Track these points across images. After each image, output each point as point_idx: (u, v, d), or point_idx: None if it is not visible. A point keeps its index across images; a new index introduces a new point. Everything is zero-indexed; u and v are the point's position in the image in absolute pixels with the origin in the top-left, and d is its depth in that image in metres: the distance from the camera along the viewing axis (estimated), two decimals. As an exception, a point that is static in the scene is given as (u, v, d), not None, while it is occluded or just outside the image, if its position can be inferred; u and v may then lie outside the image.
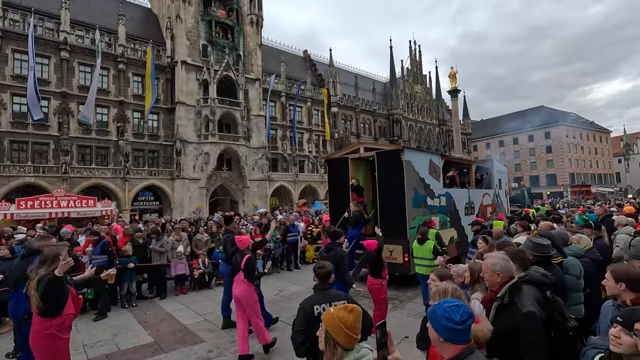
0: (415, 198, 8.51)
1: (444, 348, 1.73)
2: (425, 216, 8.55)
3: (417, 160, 8.93)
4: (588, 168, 65.80)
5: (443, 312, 1.72)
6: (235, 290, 5.31)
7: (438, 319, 1.72)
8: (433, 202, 9.20)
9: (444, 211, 9.69)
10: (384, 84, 54.51)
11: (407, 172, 8.36)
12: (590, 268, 4.26)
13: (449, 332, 1.69)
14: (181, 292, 9.16)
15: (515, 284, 2.54)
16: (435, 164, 9.62)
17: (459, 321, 1.67)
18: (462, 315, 1.69)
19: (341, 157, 10.08)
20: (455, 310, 1.70)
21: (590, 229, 5.47)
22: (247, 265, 5.18)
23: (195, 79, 31.50)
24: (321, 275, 3.22)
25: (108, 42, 28.97)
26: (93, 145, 27.89)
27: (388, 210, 8.60)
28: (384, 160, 8.83)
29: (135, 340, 6.07)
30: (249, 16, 36.03)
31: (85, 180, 26.41)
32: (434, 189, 9.34)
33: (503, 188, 14.87)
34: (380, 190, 8.81)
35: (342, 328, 1.83)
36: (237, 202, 33.60)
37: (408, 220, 8.21)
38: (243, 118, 32.82)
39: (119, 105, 28.91)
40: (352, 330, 1.84)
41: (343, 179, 9.68)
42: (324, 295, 3.08)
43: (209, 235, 10.52)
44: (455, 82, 30.34)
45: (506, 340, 2.28)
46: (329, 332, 1.87)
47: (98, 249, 7.73)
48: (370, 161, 9.79)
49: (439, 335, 1.72)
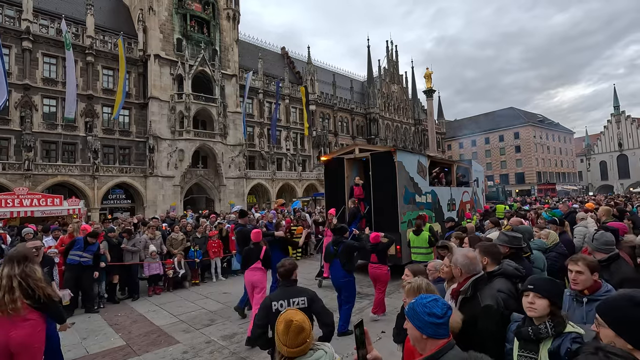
0: (405, 195, 9.22)
1: (427, 345, 1.70)
2: (414, 212, 9.31)
3: (407, 160, 9.63)
4: (553, 167, 69.11)
5: (424, 309, 1.69)
6: (252, 276, 5.77)
7: (419, 317, 1.69)
8: (421, 199, 9.95)
9: (430, 207, 10.38)
10: (362, 83, 55.00)
11: (399, 171, 9.06)
12: (558, 261, 4.47)
13: (433, 328, 1.66)
14: (155, 292, 8.89)
15: (480, 278, 2.63)
16: (423, 164, 10.35)
17: (440, 314, 1.66)
18: (442, 307, 1.69)
19: (337, 157, 10.72)
20: (434, 305, 1.69)
21: (556, 225, 5.75)
22: (266, 255, 5.92)
23: (169, 73, 30.57)
24: (281, 274, 3.35)
25: (75, 32, 27.58)
26: (59, 141, 26.53)
27: (381, 206, 9.23)
28: (377, 161, 9.49)
29: (105, 344, 5.84)
30: (225, 11, 35.30)
31: (50, 177, 25.06)
32: (422, 187, 10.11)
33: (480, 186, 15.87)
34: (374, 188, 9.44)
35: (279, 341, 1.92)
36: (213, 200, 32.95)
37: (400, 215, 8.90)
38: (219, 115, 32.18)
39: (87, 100, 27.61)
40: (286, 344, 1.88)
41: (339, 178, 10.34)
42: (285, 292, 3.23)
43: (183, 234, 10.26)
44: (431, 83, 30.96)
45: (467, 331, 2.39)
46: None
47: (85, 247, 7.37)
48: (363, 161, 10.49)
49: (421, 333, 1.69)
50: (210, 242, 10.20)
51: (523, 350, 2.11)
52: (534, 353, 2.06)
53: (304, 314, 1.99)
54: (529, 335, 2.06)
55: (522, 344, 2.13)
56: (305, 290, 3.27)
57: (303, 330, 1.89)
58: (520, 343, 2.13)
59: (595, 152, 73.17)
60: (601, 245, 3.27)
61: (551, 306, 2.06)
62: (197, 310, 7.45)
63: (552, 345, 1.99)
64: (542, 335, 2.02)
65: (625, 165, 68.74)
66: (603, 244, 3.27)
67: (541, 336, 2.03)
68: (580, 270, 2.50)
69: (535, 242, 4.76)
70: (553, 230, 5.45)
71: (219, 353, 5.35)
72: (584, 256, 2.66)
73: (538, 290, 2.07)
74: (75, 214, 16.79)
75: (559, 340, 1.98)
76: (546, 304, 2.04)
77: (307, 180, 40.13)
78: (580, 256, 2.63)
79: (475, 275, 2.64)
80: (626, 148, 68.61)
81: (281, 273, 3.35)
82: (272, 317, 2.92)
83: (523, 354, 2.10)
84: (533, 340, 2.06)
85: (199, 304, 7.89)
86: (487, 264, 2.87)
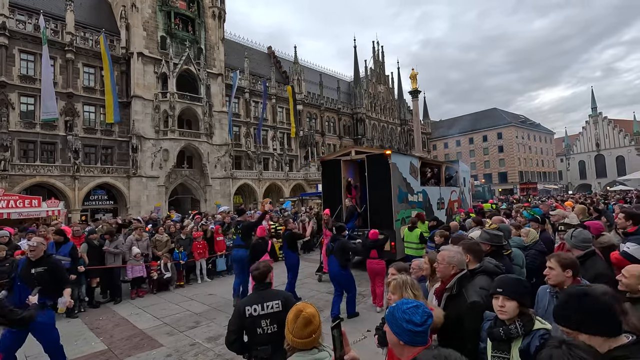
0: (399, 195, 9.73)
1: (404, 351, 1.68)
2: (407, 210, 9.88)
3: (401, 162, 10.14)
4: (535, 167, 70.92)
5: (402, 315, 1.66)
6: None
7: (398, 322, 1.67)
8: (413, 198, 10.47)
9: (421, 206, 10.87)
10: (349, 83, 55.21)
11: (393, 172, 9.53)
12: (537, 259, 4.58)
13: (410, 335, 1.64)
14: (138, 295, 8.71)
15: (463, 275, 2.68)
16: (415, 165, 10.88)
17: (419, 322, 1.64)
18: (422, 315, 1.66)
19: (334, 158, 11.21)
20: (414, 312, 1.67)
21: (537, 223, 5.88)
22: (272, 248, 6.76)
23: (153, 72, 29.98)
24: (256, 277, 3.22)
25: (54, 29, 26.76)
26: (38, 141, 25.68)
27: (377, 205, 9.69)
28: (373, 162, 9.96)
29: (85, 348, 5.69)
30: (210, 9, 34.86)
31: (28, 178, 24.24)
32: (414, 186, 10.64)
33: (467, 185, 16.59)
34: (370, 188, 9.91)
35: (287, 329, 1.98)
36: (198, 200, 32.49)
37: (394, 214, 9.40)
38: (205, 114, 31.75)
39: (67, 98, 26.79)
40: (292, 332, 1.95)
41: (336, 178, 10.82)
42: (259, 295, 3.09)
43: (168, 235, 10.08)
44: (416, 83, 31.32)
45: (453, 328, 2.42)
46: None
47: (66, 251, 7.12)
48: (359, 163, 11.00)
49: (398, 339, 1.66)
50: (195, 244, 10.06)
51: (496, 350, 2.15)
52: (506, 353, 2.09)
53: (316, 311, 2.02)
54: (501, 336, 2.10)
55: (494, 344, 2.16)
56: (280, 293, 3.20)
57: (311, 323, 1.93)
58: (493, 344, 2.17)
59: (575, 152, 75.44)
60: (579, 242, 3.37)
61: (520, 307, 2.10)
62: (181, 313, 7.33)
63: (522, 344, 2.03)
64: (513, 335, 2.06)
65: (602, 164, 71.12)
66: (580, 241, 3.37)
67: (512, 336, 2.07)
68: (551, 267, 2.59)
69: (513, 240, 4.88)
70: (534, 228, 5.59)
71: (203, 355, 5.29)
72: (558, 253, 2.75)
73: (507, 293, 2.11)
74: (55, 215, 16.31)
75: (529, 339, 2.03)
76: (515, 305, 2.09)
77: (294, 180, 40.04)
78: (555, 254, 2.72)
79: (460, 272, 2.68)
80: (603, 148, 71.00)
81: (255, 276, 3.24)
82: (246, 322, 2.91)
83: (496, 354, 2.14)
84: (505, 340, 2.10)
85: (183, 306, 7.77)
86: (469, 261, 2.93)
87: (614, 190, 35.74)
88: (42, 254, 4.47)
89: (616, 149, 69.22)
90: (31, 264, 4.37)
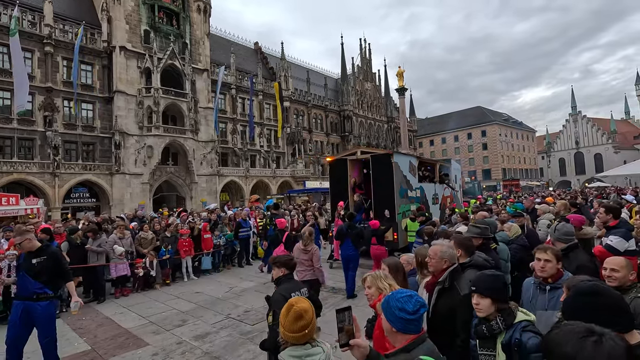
0: (400, 191, 10.54)
1: (397, 338, 1.74)
2: (407, 204, 10.79)
3: (402, 161, 10.97)
4: (517, 164, 72.56)
5: (396, 303, 1.72)
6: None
7: (391, 310, 1.73)
8: (412, 194, 11.29)
9: (419, 201, 11.66)
10: (336, 80, 55.14)
11: (395, 171, 10.32)
12: (518, 253, 4.69)
13: (402, 323, 1.70)
14: (122, 294, 8.52)
15: (455, 269, 2.71)
16: (413, 164, 11.73)
17: (412, 310, 1.69)
18: (415, 304, 1.72)
19: (341, 158, 12.09)
20: (407, 300, 1.73)
21: (523, 217, 6.01)
22: (287, 239, 7.58)
23: (136, 66, 29.27)
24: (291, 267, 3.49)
25: (32, 20, 25.81)
26: (15, 137, 24.76)
27: (381, 200, 10.41)
28: (377, 162, 10.75)
29: (68, 349, 5.53)
30: (195, 3, 34.20)
31: (5, 175, 23.37)
32: (412, 183, 11.45)
33: (458, 182, 17.73)
34: (375, 185, 10.68)
35: (280, 322, 2.00)
36: (184, 198, 32.01)
37: (396, 208, 10.23)
38: (190, 110, 31.21)
39: (46, 92, 25.92)
40: (284, 325, 1.96)
41: (343, 176, 11.63)
42: (293, 284, 3.35)
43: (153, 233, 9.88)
44: (403, 81, 31.43)
45: (445, 320, 2.46)
46: None
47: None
48: (363, 162, 11.84)
49: (392, 327, 1.73)
50: (181, 241, 9.89)
51: (482, 348, 2.17)
52: (492, 350, 2.12)
53: (310, 305, 2.01)
54: (484, 333, 2.13)
55: (481, 342, 2.18)
56: (300, 282, 3.53)
57: (302, 317, 1.93)
58: (480, 342, 2.19)
59: (555, 150, 77.55)
60: (562, 235, 3.45)
61: (495, 303, 2.10)
62: (167, 311, 7.21)
63: (504, 338, 2.05)
64: (496, 331, 2.09)
65: (581, 162, 73.35)
66: (564, 234, 3.45)
67: (495, 332, 2.09)
68: (548, 259, 2.60)
69: (499, 235, 4.97)
70: (518, 222, 5.71)
71: (191, 354, 5.21)
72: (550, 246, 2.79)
73: (480, 291, 2.13)
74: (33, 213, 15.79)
75: (510, 332, 2.05)
76: (489, 302, 2.10)
77: (282, 177, 39.86)
78: (549, 246, 2.75)
79: (451, 266, 2.71)
80: (582, 146, 73.22)
81: (291, 266, 3.49)
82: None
83: (483, 351, 2.17)
84: (489, 337, 2.12)
85: (169, 305, 7.64)
86: (460, 255, 2.96)
87: (591, 187, 36.92)
88: (39, 244, 4.48)
89: (594, 147, 71.47)
90: (31, 254, 4.41)
